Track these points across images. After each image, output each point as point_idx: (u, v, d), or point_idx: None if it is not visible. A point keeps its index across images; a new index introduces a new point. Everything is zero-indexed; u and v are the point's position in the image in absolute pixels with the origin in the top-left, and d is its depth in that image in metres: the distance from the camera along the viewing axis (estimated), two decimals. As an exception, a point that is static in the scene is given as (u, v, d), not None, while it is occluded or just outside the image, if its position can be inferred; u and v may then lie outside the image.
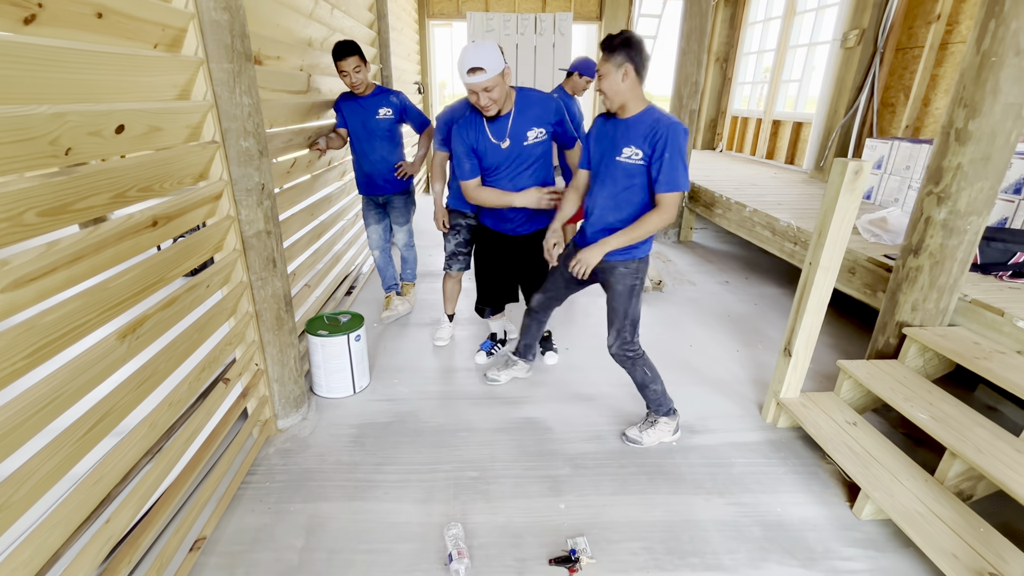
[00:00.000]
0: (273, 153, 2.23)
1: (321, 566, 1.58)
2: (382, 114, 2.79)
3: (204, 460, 1.62)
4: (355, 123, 2.79)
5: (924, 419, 1.81)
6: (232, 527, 1.70)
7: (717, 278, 4.05)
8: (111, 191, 1.19)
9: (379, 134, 2.82)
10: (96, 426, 1.12)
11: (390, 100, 2.81)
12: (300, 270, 2.63)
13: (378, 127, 2.80)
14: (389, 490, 1.88)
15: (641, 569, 1.59)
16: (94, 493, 1.13)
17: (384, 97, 2.80)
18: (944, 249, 2.04)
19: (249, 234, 1.83)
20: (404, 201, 3.07)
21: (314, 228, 2.82)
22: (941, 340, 2.05)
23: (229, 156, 1.70)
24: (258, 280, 1.92)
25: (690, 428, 2.24)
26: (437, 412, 2.34)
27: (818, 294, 1.99)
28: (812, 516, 1.79)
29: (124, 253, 1.24)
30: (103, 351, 1.14)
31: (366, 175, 2.93)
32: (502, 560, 1.61)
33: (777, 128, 5.98)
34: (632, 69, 1.69)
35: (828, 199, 1.86)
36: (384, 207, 3.09)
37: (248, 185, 1.78)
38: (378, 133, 2.81)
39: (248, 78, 1.68)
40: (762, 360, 2.80)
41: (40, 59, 1.00)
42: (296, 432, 2.18)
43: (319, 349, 2.32)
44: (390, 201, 3.05)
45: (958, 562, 1.44)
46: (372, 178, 2.93)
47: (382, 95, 2.80)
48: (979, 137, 1.89)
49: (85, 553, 1.11)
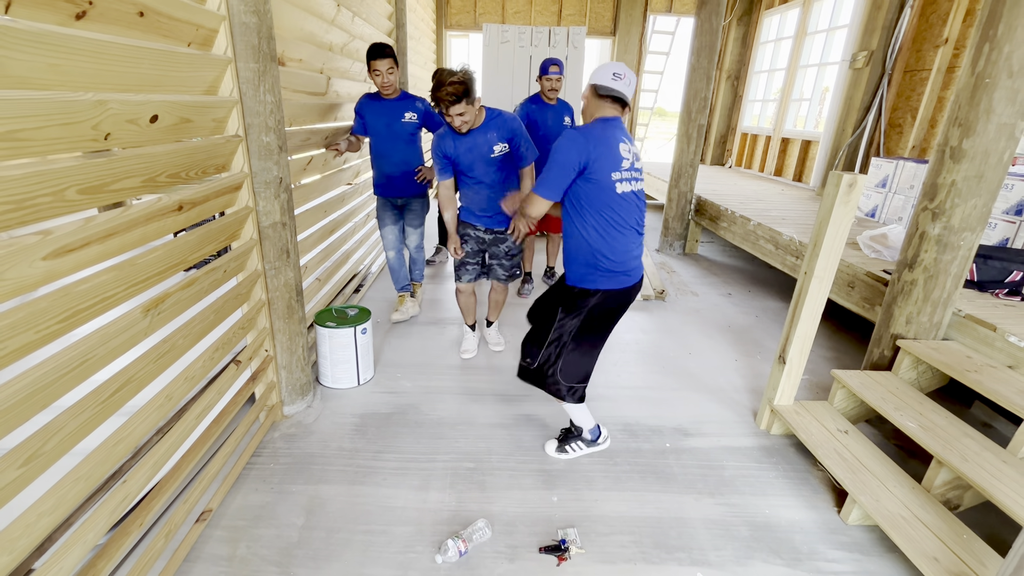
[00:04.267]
0: (291, 150, 2.33)
1: (320, 543, 1.64)
2: (407, 118, 2.85)
3: (213, 438, 1.70)
4: (379, 125, 2.84)
5: (912, 428, 1.85)
6: (236, 504, 1.77)
7: (720, 290, 4.10)
8: (143, 175, 1.28)
9: (403, 137, 2.88)
10: (119, 391, 1.20)
11: (415, 105, 2.88)
12: (312, 264, 2.72)
13: (402, 130, 2.87)
14: (388, 476, 1.95)
15: (629, 561, 1.63)
16: (115, 453, 1.20)
17: (410, 102, 2.87)
18: (938, 264, 2.09)
19: (265, 225, 1.92)
20: (421, 204, 3.13)
21: (326, 225, 2.92)
22: (934, 353, 2.08)
23: (251, 150, 1.80)
24: (272, 269, 2.01)
25: (685, 431, 2.28)
26: (437, 406, 2.41)
27: (812, 302, 2.04)
28: (800, 519, 1.83)
29: (151, 234, 1.33)
30: (128, 322, 1.23)
31: (386, 176, 2.98)
32: (494, 546, 1.66)
33: (786, 146, 6.04)
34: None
35: (824, 210, 1.92)
36: (401, 209, 3.14)
37: (267, 178, 1.87)
38: (402, 136, 2.88)
39: (272, 78, 1.78)
40: (760, 370, 2.84)
41: (88, 51, 1.10)
42: (301, 419, 2.25)
43: (326, 340, 2.41)
44: (408, 203, 3.11)
45: (938, 565, 1.48)
46: (392, 180, 2.98)
47: (408, 100, 2.87)
48: (973, 155, 1.94)
49: (101, 510, 1.18)
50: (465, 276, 2.68)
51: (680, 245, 5.04)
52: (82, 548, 1.13)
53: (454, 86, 2.10)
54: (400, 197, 3.05)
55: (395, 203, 3.09)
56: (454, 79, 2.10)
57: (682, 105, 4.67)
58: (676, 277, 4.38)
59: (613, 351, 2.99)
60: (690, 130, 4.63)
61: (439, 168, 2.46)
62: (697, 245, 5.16)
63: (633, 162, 1.76)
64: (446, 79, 2.11)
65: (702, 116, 4.58)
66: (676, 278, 4.35)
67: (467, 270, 2.67)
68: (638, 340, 3.17)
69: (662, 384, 2.67)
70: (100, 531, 1.19)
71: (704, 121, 4.60)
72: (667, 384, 2.67)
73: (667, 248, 5.06)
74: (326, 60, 2.80)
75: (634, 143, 1.80)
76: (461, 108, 2.14)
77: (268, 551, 1.61)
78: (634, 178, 1.77)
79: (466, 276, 2.68)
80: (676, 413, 2.41)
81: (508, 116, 2.38)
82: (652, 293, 3.81)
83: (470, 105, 2.17)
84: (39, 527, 1.00)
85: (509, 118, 2.37)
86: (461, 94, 2.11)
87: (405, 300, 3.32)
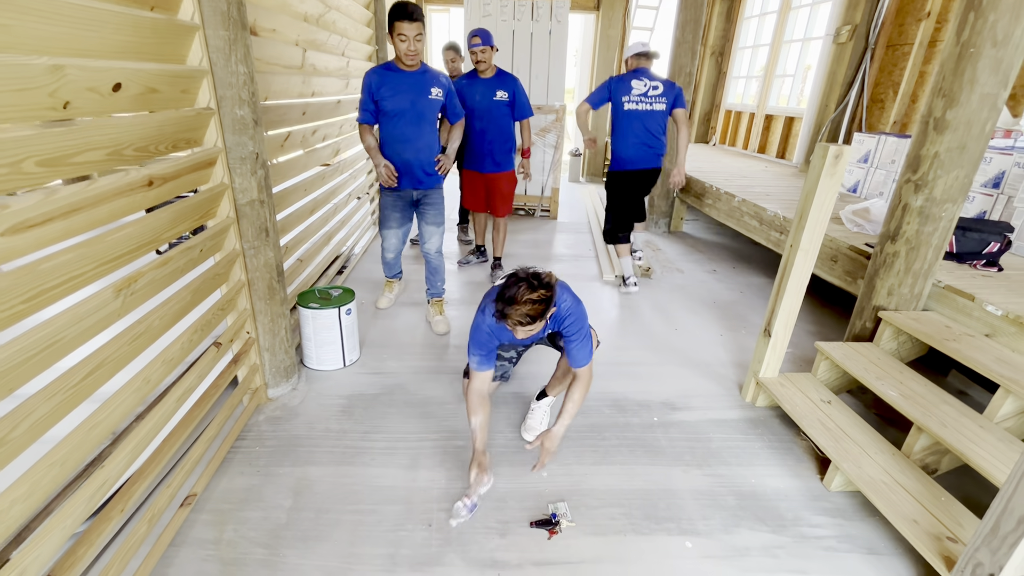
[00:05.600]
0: (267, 126, 2.24)
1: (309, 524, 1.63)
2: (434, 94, 2.49)
3: (195, 422, 1.66)
4: (402, 102, 2.44)
5: (893, 396, 1.89)
6: (222, 487, 1.75)
7: (705, 267, 4.12)
8: (108, 147, 1.21)
9: (428, 117, 2.52)
10: (93, 374, 1.15)
11: (440, 80, 2.52)
12: (293, 244, 2.65)
13: (429, 109, 2.50)
14: (376, 456, 1.93)
15: (619, 532, 1.65)
16: (91, 438, 1.16)
17: (435, 77, 2.51)
18: (920, 235, 2.11)
19: (243, 202, 1.86)
20: (441, 197, 2.75)
21: (307, 204, 2.84)
22: (914, 323, 2.12)
23: (224, 124, 1.72)
24: (251, 249, 1.94)
25: (672, 405, 2.30)
26: (425, 385, 2.39)
27: (798, 275, 2.05)
28: (784, 487, 1.86)
29: (121, 210, 1.27)
30: (99, 303, 1.17)
31: (406, 164, 2.58)
32: (485, 522, 1.67)
33: (770, 123, 6.04)
34: None
35: (810, 182, 1.91)
36: (416, 205, 2.74)
37: (242, 153, 1.80)
38: (427, 116, 2.52)
39: (244, 47, 1.70)
40: (745, 344, 2.87)
41: (41, 11, 1.03)
42: (286, 401, 2.22)
43: (310, 321, 2.36)
44: (426, 197, 2.71)
45: (918, 527, 1.52)
46: (412, 169, 2.59)
47: (431, 73, 2.51)
48: (956, 126, 1.95)
49: (79, 496, 1.15)
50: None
51: (665, 223, 5.04)
52: (61, 535, 1.10)
53: (533, 306, 1.49)
54: (419, 188, 2.68)
55: (410, 198, 2.71)
56: (532, 296, 1.49)
57: (667, 81, 4.61)
58: (661, 255, 4.39)
59: (600, 328, 2.98)
60: (675, 106, 4.58)
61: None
62: (682, 223, 5.17)
63: (646, 92, 3.14)
64: (522, 296, 1.48)
65: (686, 92, 4.54)
66: (661, 255, 4.36)
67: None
68: (625, 317, 3.18)
69: (649, 360, 2.69)
70: (79, 518, 1.15)
71: (689, 97, 4.56)
72: (654, 359, 2.69)
73: (652, 226, 5.06)
74: (301, 32, 2.69)
75: (655, 79, 3.18)
76: (535, 326, 1.55)
77: (256, 533, 1.59)
78: (642, 101, 3.14)
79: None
80: (663, 388, 2.43)
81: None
82: (639, 271, 3.82)
83: (544, 321, 1.57)
84: (12, 514, 0.96)
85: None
86: (538, 315, 1.52)
87: (394, 287, 3.17)
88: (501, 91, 3.22)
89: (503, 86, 3.23)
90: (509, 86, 3.24)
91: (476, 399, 1.79)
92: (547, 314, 1.55)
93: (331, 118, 3.21)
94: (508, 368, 2.23)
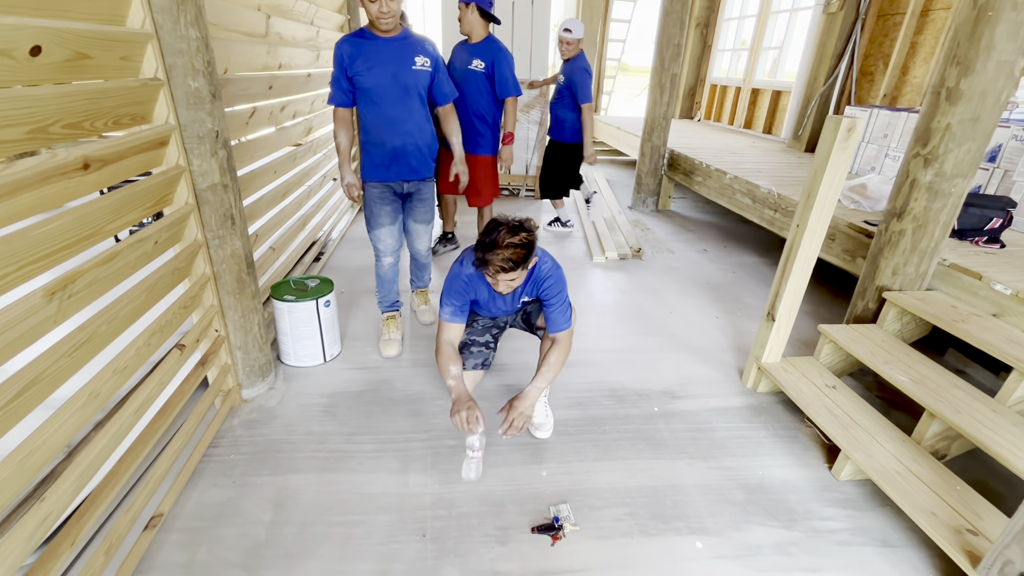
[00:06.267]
0: (229, 100, 2.02)
1: (292, 540, 1.49)
2: (419, 64, 2.07)
3: (159, 433, 1.49)
4: (382, 76, 2.02)
5: (904, 381, 1.82)
6: (193, 502, 1.59)
7: (696, 246, 4.03)
8: (28, 123, 1.02)
9: (415, 91, 2.10)
10: (24, 393, 0.98)
11: (426, 48, 2.10)
12: (263, 231, 2.46)
13: (414, 83, 2.08)
14: (363, 460, 1.79)
15: (625, 535, 1.56)
16: (27, 467, 0.99)
17: (419, 43, 2.09)
18: (928, 212, 2.02)
19: (203, 187, 1.66)
20: (432, 191, 2.37)
21: (278, 187, 2.63)
22: (920, 304, 2.05)
23: (176, 97, 1.51)
24: (215, 239, 1.75)
25: (672, 393, 2.21)
26: (413, 380, 2.25)
27: (804, 257, 1.95)
28: (793, 478, 1.79)
29: (51, 198, 1.08)
30: (27, 309, 0.99)
31: (395, 152, 2.15)
32: (483, 529, 1.55)
33: (756, 97, 5.93)
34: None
35: (819, 157, 1.80)
36: (407, 198, 2.33)
37: (199, 131, 1.59)
38: (414, 91, 2.09)
39: (194, 6, 1.48)
40: (742, 327, 2.79)
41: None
42: (263, 402, 2.06)
43: (286, 315, 2.18)
44: (418, 191, 2.31)
45: (937, 520, 1.46)
46: (403, 156, 2.16)
47: (414, 39, 2.09)
48: (970, 96, 1.85)
49: (17, 533, 0.98)
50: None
51: (653, 202, 4.93)
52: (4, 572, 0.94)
53: (515, 250, 1.51)
54: (411, 180, 2.26)
55: (400, 190, 2.28)
56: (513, 240, 1.51)
57: (655, 53, 4.45)
58: (651, 234, 4.28)
59: (593, 313, 2.88)
60: (663, 80, 4.43)
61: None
62: (670, 201, 5.06)
63: None
64: (503, 240, 1.51)
65: (675, 65, 4.38)
66: (651, 235, 4.26)
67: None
68: (617, 300, 3.07)
69: (645, 345, 2.59)
70: (20, 554, 0.99)
71: (678, 70, 4.40)
72: (650, 345, 2.59)
73: (640, 205, 4.95)
74: (264, -4, 2.44)
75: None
76: (516, 274, 1.58)
77: (233, 553, 1.45)
78: None
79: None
80: (662, 375, 2.34)
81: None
82: (629, 252, 3.71)
83: (525, 270, 1.60)
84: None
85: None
86: (520, 261, 1.54)
87: (397, 322, 2.52)
88: (477, 60, 2.84)
89: (480, 55, 2.84)
90: (488, 55, 2.83)
91: (449, 351, 1.75)
92: (529, 261, 1.56)
93: (301, 93, 2.97)
94: (489, 355, 2.00)
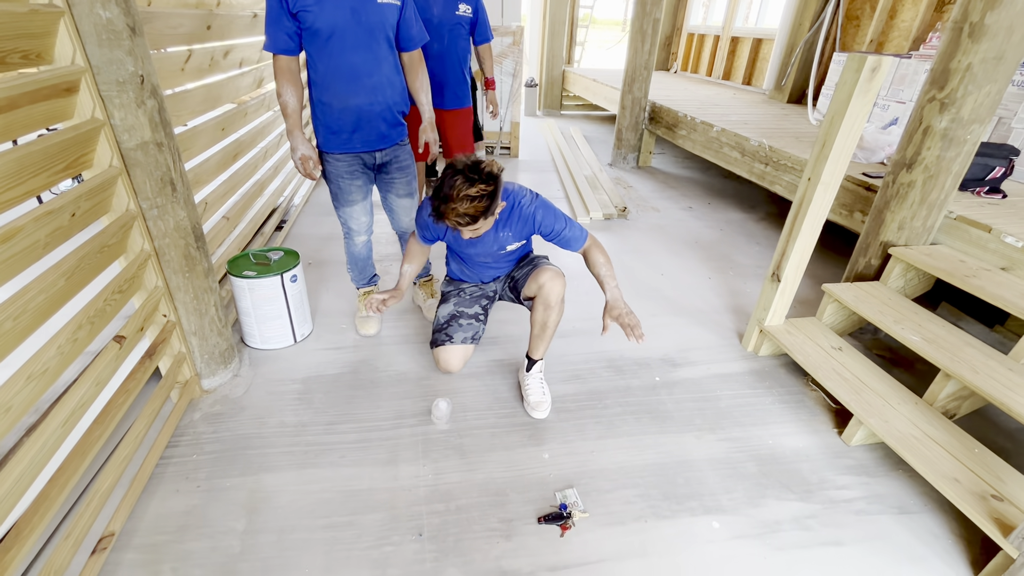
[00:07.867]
0: (157, 40, 1.70)
1: (270, 550, 1.32)
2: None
3: (101, 440, 1.27)
4: (338, 12, 1.59)
5: (916, 341, 1.74)
6: (152, 514, 1.39)
7: (680, 204, 3.89)
8: None
9: (382, 33, 1.68)
10: None
11: None
12: (213, 199, 2.16)
13: (381, 20, 1.66)
14: (346, 453, 1.62)
15: (638, 518, 1.45)
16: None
17: None
18: (940, 162, 1.91)
19: (130, 146, 1.37)
20: (410, 157, 1.98)
21: (228, 147, 2.31)
22: (927, 259, 1.96)
23: (82, 31, 1.21)
24: (152, 208, 1.48)
25: (672, 361, 2.10)
26: (395, 359, 2.06)
27: (815, 213, 1.82)
28: (803, 446, 1.72)
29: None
30: None
31: (358, 114, 1.74)
32: (486, 523, 1.42)
33: (735, 46, 5.71)
34: None
35: (838, 102, 1.63)
36: (380, 169, 1.93)
37: (119, 76, 1.30)
38: (380, 31, 1.67)
39: (97, -89, 1.16)
40: (735, 287, 2.69)
41: None
42: (227, 392, 1.84)
43: (246, 294, 1.94)
44: (395, 158, 1.91)
45: (960, 486, 1.40)
46: (368, 119, 1.76)
47: None
48: (995, 32, 1.70)
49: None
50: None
51: (634, 158, 4.73)
52: None
53: (471, 203, 1.39)
54: (381, 147, 1.86)
55: (371, 160, 1.88)
56: (470, 192, 1.37)
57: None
58: (634, 192, 4.11)
59: (583, 278, 2.72)
60: (644, 26, 4.15)
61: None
62: (651, 157, 4.87)
63: None
64: (458, 192, 1.37)
65: (657, 9, 4.10)
66: (634, 193, 4.09)
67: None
68: (607, 264, 2.91)
69: (639, 310, 2.45)
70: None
71: (660, 15, 4.13)
72: (645, 310, 2.46)
73: (620, 161, 4.75)
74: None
75: None
76: (478, 225, 1.47)
77: (202, 570, 1.27)
78: None
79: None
80: (660, 342, 2.22)
81: None
82: (614, 211, 3.53)
83: (490, 219, 1.49)
84: None
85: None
86: (479, 214, 1.42)
87: (373, 294, 2.03)
88: (464, 4, 2.59)
89: None
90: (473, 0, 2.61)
91: (416, 248, 1.85)
92: (491, 211, 1.44)
93: (248, 37, 2.59)
94: (479, 328, 1.91)
